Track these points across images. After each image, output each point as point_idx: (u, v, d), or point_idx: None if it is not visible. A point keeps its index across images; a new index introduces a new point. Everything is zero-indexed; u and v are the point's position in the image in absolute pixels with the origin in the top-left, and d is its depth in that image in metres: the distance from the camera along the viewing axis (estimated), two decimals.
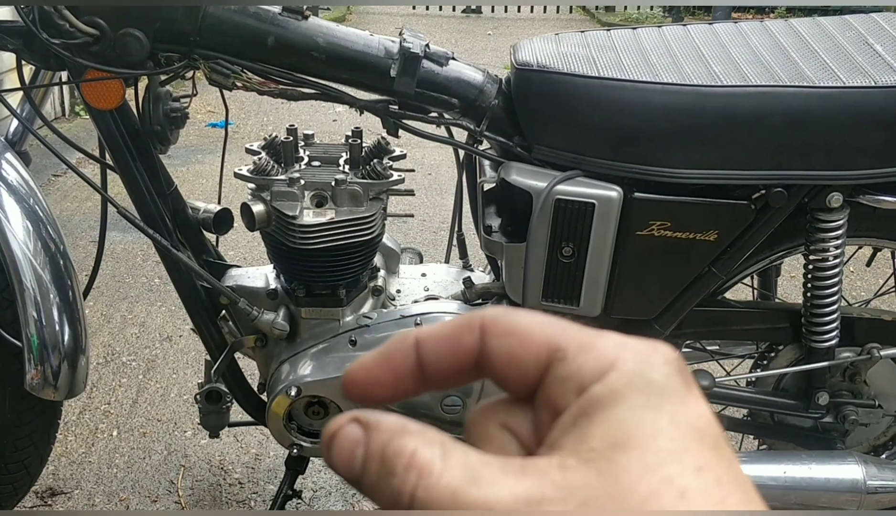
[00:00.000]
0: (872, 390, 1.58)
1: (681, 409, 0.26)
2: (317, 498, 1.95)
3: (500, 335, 0.29)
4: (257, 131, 4.76)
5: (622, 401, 0.26)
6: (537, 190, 1.33)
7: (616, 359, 0.27)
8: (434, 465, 0.26)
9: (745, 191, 1.36)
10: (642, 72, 1.35)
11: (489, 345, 0.29)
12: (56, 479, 1.99)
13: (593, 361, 0.27)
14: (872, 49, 1.39)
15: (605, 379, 0.27)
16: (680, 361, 0.28)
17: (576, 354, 0.28)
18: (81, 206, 3.62)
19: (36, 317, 1.42)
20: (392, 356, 0.30)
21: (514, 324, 0.29)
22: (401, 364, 0.30)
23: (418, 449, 0.26)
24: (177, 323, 2.68)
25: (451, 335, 0.30)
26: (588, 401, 0.27)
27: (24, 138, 1.55)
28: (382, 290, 1.54)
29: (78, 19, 1.27)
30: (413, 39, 1.37)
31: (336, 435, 0.28)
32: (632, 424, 0.26)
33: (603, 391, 0.27)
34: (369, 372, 0.30)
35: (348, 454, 0.27)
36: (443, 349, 0.30)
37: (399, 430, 0.27)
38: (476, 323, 0.29)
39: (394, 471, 0.26)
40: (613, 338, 0.28)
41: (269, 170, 1.42)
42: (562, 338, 0.28)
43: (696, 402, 0.27)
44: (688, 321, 1.49)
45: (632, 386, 0.27)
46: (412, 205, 3.45)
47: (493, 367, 0.29)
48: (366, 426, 0.27)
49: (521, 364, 0.29)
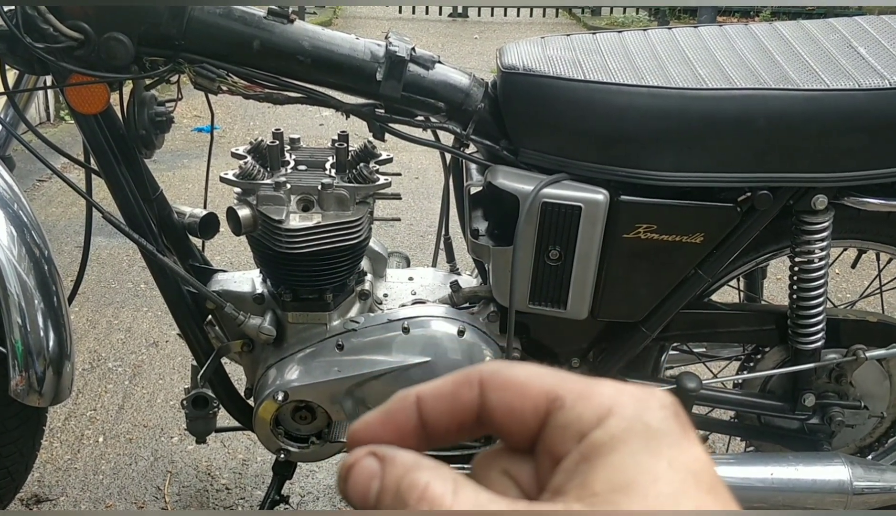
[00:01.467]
0: (858, 391, 1.59)
1: (678, 454, 0.27)
2: (304, 502, 1.94)
3: (499, 389, 0.30)
4: (243, 135, 4.75)
5: (622, 447, 0.27)
6: (524, 193, 1.34)
7: (614, 405, 0.28)
8: (445, 499, 0.26)
9: (731, 194, 1.37)
10: (628, 75, 1.35)
11: (489, 400, 0.30)
12: (41, 486, 1.98)
13: (592, 408, 0.28)
14: (856, 52, 1.40)
15: (604, 424, 0.28)
16: (676, 405, 0.29)
17: (574, 402, 0.29)
18: (66, 211, 3.60)
19: (20, 322, 1.41)
20: (394, 415, 0.31)
21: (512, 376, 0.30)
22: (403, 423, 0.31)
23: (431, 482, 0.27)
24: (163, 328, 2.67)
25: (451, 391, 0.30)
26: (588, 447, 0.27)
27: (7, 143, 1.55)
28: (369, 294, 1.53)
29: (62, 23, 1.27)
30: (399, 43, 1.37)
31: (353, 467, 0.29)
32: (632, 469, 0.26)
33: (603, 437, 0.27)
34: (373, 431, 0.31)
35: (364, 486, 0.28)
36: (443, 406, 0.30)
37: (414, 465, 0.28)
38: (475, 378, 0.30)
39: (407, 503, 0.27)
40: (610, 385, 0.29)
41: (256, 174, 1.41)
42: (560, 388, 0.29)
43: (692, 446, 0.28)
44: (674, 323, 1.50)
45: (630, 431, 0.27)
46: (399, 208, 3.44)
47: (493, 421, 0.30)
48: (382, 460, 0.28)
49: (520, 415, 0.29)
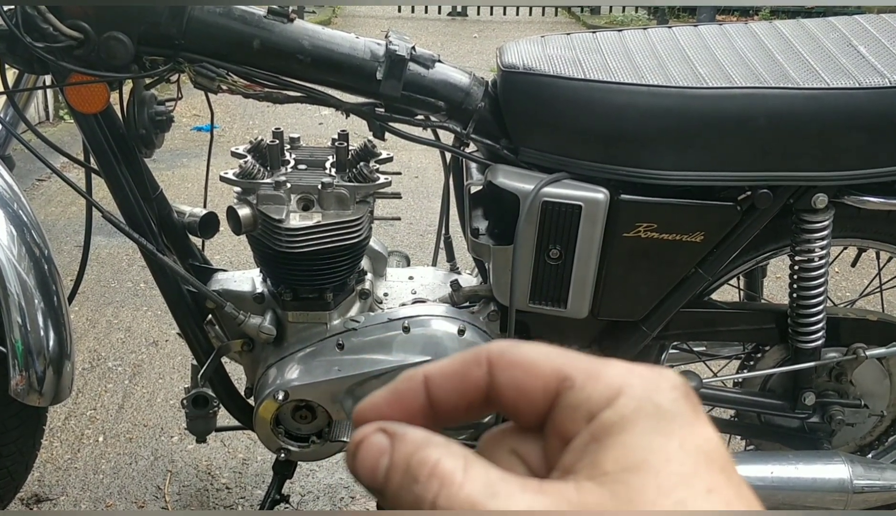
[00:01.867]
0: (858, 390, 1.59)
1: (690, 434, 0.27)
2: (304, 502, 1.94)
3: (508, 368, 0.30)
4: (243, 135, 4.74)
5: (632, 427, 0.27)
6: (524, 192, 1.33)
7: (624, 386, 0.28)
8: (456, 476, 0.26)
9: (731, 193, 1.37)
10: (628, 74, 1.35)
11: (497, 379, 0.30)
12: (41, 486, 1.98)
13: (602, 388, 0.28)
14: (856, 50, 1.40)
15: (614, 405, 0.28)
16: (686, 386, 0.29)
17: (584, 382, 0.28)
18: (66, 211, 3.60)
19: (20, 322, 1.41)
20: (402, 394, 0.31)
21: (521, 356, 0.30)
22: (411, 402, 0.31)
23: (442, 459, 0.27)
24: (163, 327, 2.67)
25: (459, 370, 0.30)
26: (599, 427, 0.27)
27: (7, 143, 1.55)
28: (369, 294, 1.53)
29: (61, 22, 1.26)
30: (399, 42, 1.37)
31: (362, 443, 0.29)
32: (643, 449, 0.26)
33: (613, 417, 0.27)
34: (380, 411, 0.31)
35: (373, 462, 0.28)
36: (451, 385, 0.30)
37: (424, 442, 0.28)
38: (483, 357, 0.30)
39: (417, 479, 0.27)
40: (620, 366, 0.29)
41: (255, 173, 1.41)
42: (569, 368, 0.29)
43: (704, 427, 0.28)
44: (674, 322, 1.50)
45: (641, 411, 0.27)
46: (399, 208, 3.44)
47: (502, 400, 0.30)
48: (392, 436, 0.28)
49: (529, 395, 0.29)
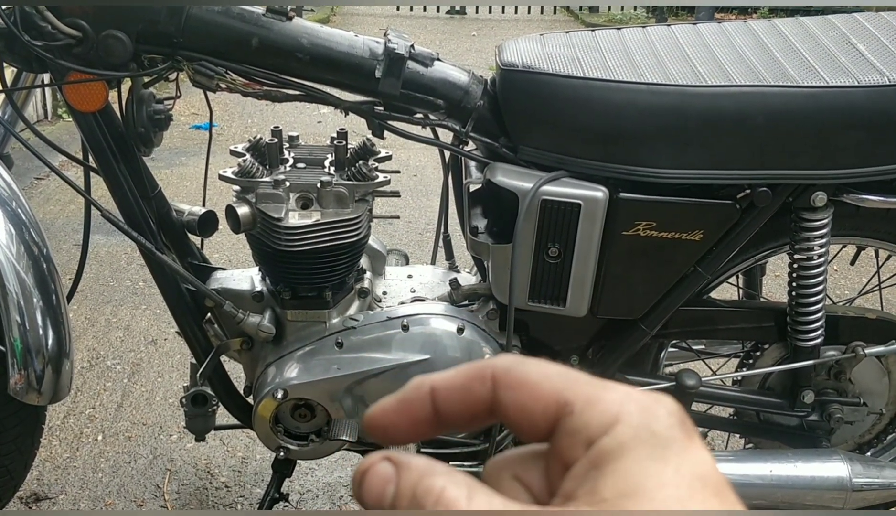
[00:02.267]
0: (857, 388, 1.59)
1: (684, 459, 0.28)
2: (304, 501, 1.95)
3: (511, 387, 0.31)
4: (242, 133, 4.74)
5: (629, 454, 0.28)
6: (523, 191, 1.33)
7: (621, 413, 0.29)
8: (460, 503, 0.27)
9: (730, 191, 1.37)
10: (627, 72, 1.35)
11: (501, 397, 0.31)
12: (40, 484, 1.98)
13: (599, 415, 0.29)
14: (855, 49, 1.40)
15: (611, 432, 0.29)
16: (681, 412, 0.30)
17: (583, 408, 0.30)
18: (65, 209, 3.60)
19: (19, 321, 1.40)
20: (409, 403, 0.32)
21: (524, 376, 0.31)
22: (418, 411, 0.32)
23: (446, 487, 0.28)
24: (162, 326, 2.67)
25: (464, 385, 0.32)
26: (597, 454, 0.28)
27: (5, 141, 1.54)
28: (369, 292, 1.53)
29: (60, 21, 1.26)
30: (398, 40, 1.36)
31: (368, 471, 0.30)
32: (640, 475, 0.27)
33: (611, 444, 0.28)
34: (388, 418, 0.32)
35: (379, 490, 0.29)
36: (457, 397, 0.32)
37: (429, 470, 0.29)
38: (488, 374, 0.31)
39: (423, 507, 0.28)
40: (618, 391, 0.30)
41: (254, 172, 1.41)
42: (569, 393, 0.30)
43: (698, 451, 0.29)
44: (673, 321, 1.50)
45: (637, 438, 0.28)
46: (398, 206, 3.45)
47: (506, 417, 0.31)
48: (397, 465, 0.29)
49: (531, 416, 0.30)
